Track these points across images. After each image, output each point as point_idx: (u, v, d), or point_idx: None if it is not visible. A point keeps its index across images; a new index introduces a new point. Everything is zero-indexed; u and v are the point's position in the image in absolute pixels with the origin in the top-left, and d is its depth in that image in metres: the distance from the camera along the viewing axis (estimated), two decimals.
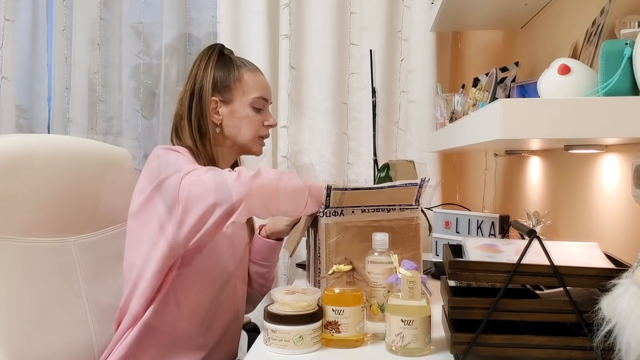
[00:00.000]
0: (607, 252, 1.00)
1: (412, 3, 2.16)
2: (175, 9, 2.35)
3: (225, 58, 1.47)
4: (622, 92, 0.80)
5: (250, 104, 1.44)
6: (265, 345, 1.07)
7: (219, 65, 1.45)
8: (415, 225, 1.33)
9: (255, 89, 1.45)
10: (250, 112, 1.45)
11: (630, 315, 0.71)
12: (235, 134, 1.45)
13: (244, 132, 1.45)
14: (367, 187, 1.28)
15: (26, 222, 1.39)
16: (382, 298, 1.12)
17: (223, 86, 1.44)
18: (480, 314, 0.91)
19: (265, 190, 1.21)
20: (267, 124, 1.48)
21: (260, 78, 1.49)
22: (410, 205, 1.33)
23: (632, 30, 0.90)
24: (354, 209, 1.29)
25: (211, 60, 1.45)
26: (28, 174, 1.40)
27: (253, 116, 1.45)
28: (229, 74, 1.44)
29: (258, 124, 1.46)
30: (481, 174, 2.15)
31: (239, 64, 1.47)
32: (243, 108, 1.44)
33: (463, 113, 1.54)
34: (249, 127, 1.45)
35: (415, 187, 1.30)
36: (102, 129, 2.40)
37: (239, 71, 1.45)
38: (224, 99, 1.44)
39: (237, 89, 1.44)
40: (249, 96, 1.44)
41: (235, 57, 1.50)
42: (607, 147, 1.12)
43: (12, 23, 2.24)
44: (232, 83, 1.44)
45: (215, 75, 1.44)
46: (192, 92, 1.43)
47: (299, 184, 1.23)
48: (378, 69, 2.12)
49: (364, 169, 2.17)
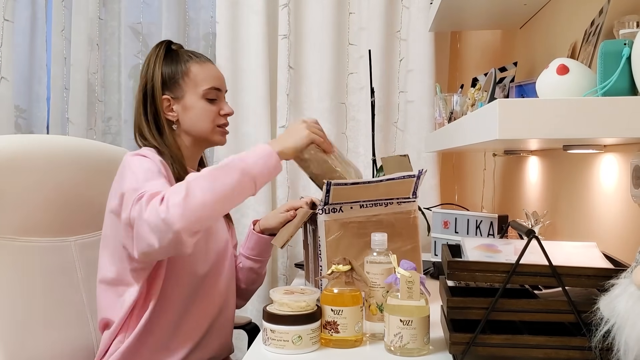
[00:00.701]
0: (606, 252, 1.00)
1: (410, 3, 2.16)
2: (173, 9, 2.35)
3: (173, 54, 1.46)
4: (621, 92, 0.81)
5: (202, 96, 1.43)
6: (264, 345, 1.07)
7: (166, 62, 1.44)
8: (413, 218, 1.34)
9: (205, 81, 1.44)
10: (203, 105, 1.43)
11: (628, 315, 0.71)
12: (193, 129, 1.44)
13: (201, 125, 1.44)
14: (365, 181, 1.28)
15: (26, 222, 1.40)
16: (381, 298, 1.12)
17: (172, 83, 1.43)
18: (479, 314, 0.91)
19: (203, 206, 1.14)
20: (223, 113, 1.47)
21: (209, 68, 1.47)
22: (408, 197, 1.34)
23: (630, 30, 0.90)
24: (352, 204, 1.29)
25: (158, 58, 1.44)
26: (28, 174, 1.41)
27: (207, 108, 1.44)
28: (176, 69, 1.43)
29: (214, 115, 1.45)
30: (480, 174, 2.15)
31: (186, 57, 1.45)
32: (196, 102, 1.43)
33: (462, 113, 1.54)
34: (205, 119, 1.44)
35: (412, 179, 1.31)
36: (100, 129, 2.40)
37: (186, 65, 1.43)
38: (175, 96, 1.43)
39: (187, 84, 1.43)
40: (200, 88, 1.43)
41: (183, 50, 1.48)
42: (606, 147, 1.12)
43: (11, 23, 2.24)
44: (181, 78, 1.43)
45: (164, 73, 1.43)
46: (144, 92, 1.43)
47: (234, 177, 1.17)
48: (376, 69, 2.12)
49: (363, 168, 2.17)
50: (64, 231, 1.46)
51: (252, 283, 1.62)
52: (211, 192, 1.15)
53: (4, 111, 2.21)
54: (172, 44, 1.49)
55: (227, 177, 1.17)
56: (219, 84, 1.47)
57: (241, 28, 2.17)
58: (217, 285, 1.43)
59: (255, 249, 1.58)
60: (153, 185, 1.22)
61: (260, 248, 1.58)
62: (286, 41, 2.13)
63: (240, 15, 2.17)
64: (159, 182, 1.24)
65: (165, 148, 1.39)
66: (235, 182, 1.17)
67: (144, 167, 1.28)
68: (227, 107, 1.48)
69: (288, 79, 2.14)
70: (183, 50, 1.49)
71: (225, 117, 1.48)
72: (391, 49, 2.17)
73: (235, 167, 1.18)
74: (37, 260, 1.41)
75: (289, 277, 2.18)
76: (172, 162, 1.37)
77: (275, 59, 2.16)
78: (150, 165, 1.29)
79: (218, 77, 1.48)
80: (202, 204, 1.14)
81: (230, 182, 1.17)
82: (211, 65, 1.48)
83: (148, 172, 1.27)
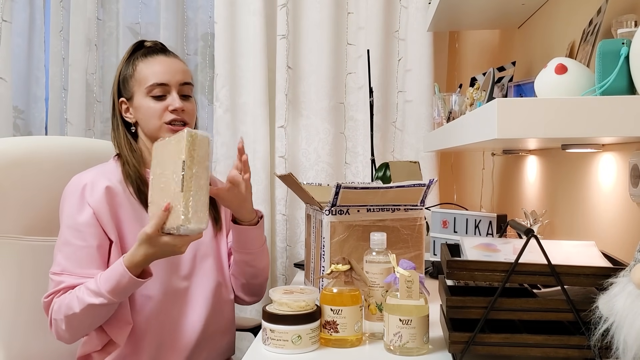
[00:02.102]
0: (604, 250, 1.00)
1: (408, 3, 2.16)
2: (172, 10, 2.35)
3: (135, 54, 1.42)
4: (619, 92, 0.81)
5: (147, 94, 1.38)
6: (264, 345, 1.07)
7: (124, 64, 1.42)
8: (419, 226, 1.35)
9: (149, 78, 1.38)
10: (148, 103, 1.38)
11: (627, 314, 0.71)
12: (145, 129, 1.40)
13: (149, 124, 1.39)
14: (375, 187, 1.28)
15: (32, 221, 1.42)
16: (380, 297, 1.12)
17: (124, 84, 1.41)
18: (478, 313, 0.91)
19: (82, 331, 1.30)
20: (170, 109, 1.38)
21: (155, 63, 1.39)
22: (415, 205, 1.34)
23: (628, 29, 0.90)
24: (360, 207, 1.29)
25: (122, 60, 1.43)
26: (35, 175, 1.43)
27: (152, 105, 1.38)
28: (127, 70, 1.41)
29: (159, 112, 1.37)
30: (479, 174, 2.15)
31: (138, 56, 1.41)
32: (142, 101, 1.38)
33: (460, 113, 1.54)
34: (152, 118, 1.38)
35: (422, 187, 1.31)
36: (99, 129, 2.40)
37: (133, 64, 1.40)
38: (127, 97, 1.41)
39: (134, 84, 1.40)
40: (144, 86, 1.38)
41: (144, 49, 1.43)
42: (604, 146, 1.12)
43: (9, 24, 2.23)
44: (130, 79, 1.40)
45: (120, 76, 1.42)
46: (112, 96, 1.44)
47: (103, 311, 1.25)
48: (375, 69, 2.12)
49: (361, 168, 2.17)
50: None
51: (253, 277, 1.50)
52: (83, 326, 1.28)
53: (3, 112, 2.21)
54: (145, 41, 1.46)
55: (96, 312, 1.25)
56: (164, 79, 1.38)
57: (239, 28, 2.17)
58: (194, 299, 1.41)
59: (236, 241, 1.46)
60: (58, 264, 1.30)
61: (238, 238, 1.46)
62: (284, 41, 2.13)
63: (239, 15, 2.17)
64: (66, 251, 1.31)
65: (122, 151, 1.40)
66: (105, 312, 1.27)
67: (64, 229, 1.32)
68: (176, 102, 1.38)
69: (286, 79, 2.14)
70: (145, 49, 1.43)
71: (176, 112, 1.38)
72: (390, 48, 2.18)
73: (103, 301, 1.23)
74: (40, 259, 1.43)
75: (288, 277, 2.18)
76: (126, 166, 1.37)
77: (273, 59, 2.16)
78: (70, 221, 1.32)
79: (163, 71, 1.39)
80: (80, 330, 1.29)
81: (100, 314, 1.26)
82: (160, 59, 1.41)
83: (65, 238, 1.31)
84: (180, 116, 1.39)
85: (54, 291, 1.28)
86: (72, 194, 1.33)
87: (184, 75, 1.42)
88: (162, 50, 1.43)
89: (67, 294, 1.27)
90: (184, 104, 1.39)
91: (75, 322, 1.25)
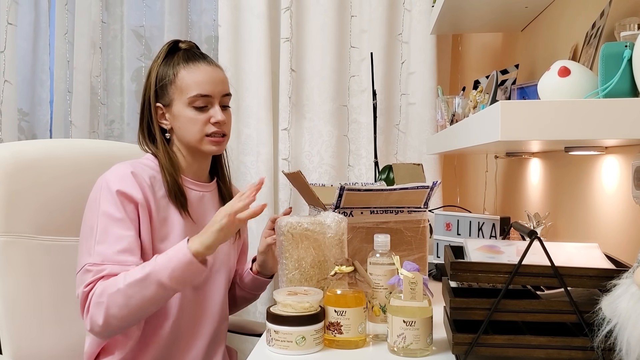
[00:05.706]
0: (608, 252, 1.01)
1: (412, 6, 2.17)
2: (176, 13, 2.36)
3: (173, 57, 1.38)
4: (622, 94, 0.81)
5: (189, 104, 1.34)
6: (268, 346, 1.08)
7: (162, 67, 1.37)
8: (422, 228, 1.35)
9: (191, 87, 1.33)
10: (190, 113, 1.34)
11: (630, 315, 0.72)
12: (183, 138, 1.37)
13: (189, 134, 1.35)
14: (379, 189, 1.28)
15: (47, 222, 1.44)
16: (384, 299, 1.12)
17: (162, 90, 1.37)
18: (482, 314, 0.92)
19: (121, 320, 1.21)
20: (212, 121, 1.35)
21: (198, 72, 1.35)
22: (419, 207, 1.34)
23: (631, 32, 0.91)
24: (363, 209, 1.29)
25: (157, 61, 1.38)
26: (51, 177, 1.45)
27: (194, 116, 1.34)
28: (166, 75, 1.36)
29: (201, 124, 1.34)
30: (482, 176, 2.15)
31: (179, 61, 1.36)
32: (182, 110, 1.34)
33: (463, 115, 1.55)
34: (192, 129, 1.34)
35: (426, 189, 1.31)
36: (103, 132, 2.41)
37: (175, 70, 1.35)
38: (165, 103, 1.37)
39: (174, 91, 1.35)
40: (186, 96, 1.33)
41: (185, 52, 1.39)
42: (607, 149, 1.13)
43: (14, 27, 2.24)
44: (169, 85, 1.35)
45: (157, 79, 1.37)
46: (144, 99, 1.40)
47: (150, 290, 1.18)
48: (378, 72, 2.13)
49: (365, 171, 2.18)
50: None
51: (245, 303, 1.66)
52: (127, 309, 1.19)
53: (8, 114, 2.22)
54: (180, 42, 1.41)
55: (143, 292, 1.18)
56: (207, 90, 1.35)
57: (243, 31, 2.18)
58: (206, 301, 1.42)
59: (250, 287, 1.56)
60: (98, 254, 1.23)
61: (256, 288, 1.56)
62: (288, 44, 2.14)
63: (243, 18, 2.18)
64: (107, 240, 1.24)
65: (164, 155, 1.36)
66: (152, 295, 1.19)
67: (103, 219, 1.26)
68: (219, 114, 1.35)
69: (290, 82, 2.14)
70: (184, 52, 1.39)
71: (218, 125, 1.36)
72: (393, 51, 2.18)
73: (152, 281, 1.18)
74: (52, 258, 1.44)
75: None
76: (163, 172, 1.35)
77: (277, 61, 2.17)
78: (110, 210, 1.26)
79: (207, 81, 1.35)
80: (120, 318, 1.20)
81: (147, 295, 1.19)
82: (203, 68, 1.36)
83: (104, 228, 1.25)
84: (221, 129, 1.37)
85: (96, 278, 1.21)
86: (110, 202, 1.27)
87: (225, 86, 1.40)
88: (202, 56, 1.40)
89: (111, 278, 1.21)
90: (225, 116, 1.38)
91: (120, 300, 1.19)
